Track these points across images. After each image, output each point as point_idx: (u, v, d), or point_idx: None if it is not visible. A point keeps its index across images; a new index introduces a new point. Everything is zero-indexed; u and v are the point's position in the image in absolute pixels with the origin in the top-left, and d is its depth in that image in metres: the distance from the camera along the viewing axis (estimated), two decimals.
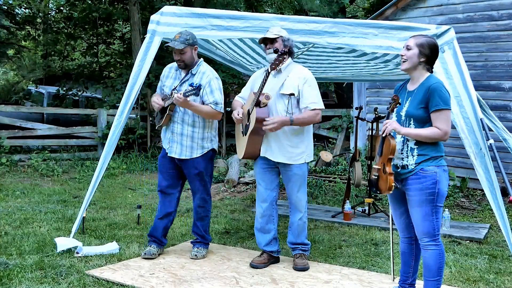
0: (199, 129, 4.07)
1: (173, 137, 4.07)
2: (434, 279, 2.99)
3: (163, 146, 4.21)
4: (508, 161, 6.58)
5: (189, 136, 4.05)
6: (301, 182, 3.93)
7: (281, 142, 3.85)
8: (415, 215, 2.99)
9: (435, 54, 3.02)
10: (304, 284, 3.56)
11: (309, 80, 3.85)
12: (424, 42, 2.98)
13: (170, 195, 4.23)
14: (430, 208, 2.94)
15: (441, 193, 2.95)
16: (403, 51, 3.04)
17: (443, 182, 2.95)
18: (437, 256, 2.97)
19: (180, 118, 4.05)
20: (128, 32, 14.40)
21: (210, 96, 4.00)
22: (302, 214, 3.97)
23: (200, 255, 4.12)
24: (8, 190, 6.74)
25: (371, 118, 6.13)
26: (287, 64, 3.91)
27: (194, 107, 3.92)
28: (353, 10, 18.60)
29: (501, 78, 7.09)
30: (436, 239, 2.98)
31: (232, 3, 11.55)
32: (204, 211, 4.19)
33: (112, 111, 10.06)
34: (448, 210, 5.27)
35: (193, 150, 4.06)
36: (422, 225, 2.97)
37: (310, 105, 3.80)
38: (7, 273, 3.54)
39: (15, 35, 15.76)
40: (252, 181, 7.71)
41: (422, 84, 2.98)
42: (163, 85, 4.20)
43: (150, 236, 4.22)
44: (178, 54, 3.98)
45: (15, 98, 13.97)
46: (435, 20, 7.47)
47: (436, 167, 2.94)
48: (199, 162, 4.08)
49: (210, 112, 4.00)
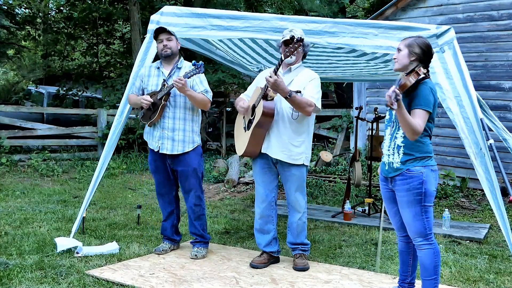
0: (189, 122, 4.09)
1: (163, 134, 4.05)
2: (431, 278, 3.01)
3: (150, 146, 4.16)
4: (508, 161, 6.58)
5: (181, 130, 4.05)
6: (299, 183, 3.92)
7: (282, 139, 3.84)
8: (406, 216, 3.03)
9: (427, 52, 3.00)
10: (304, 284, 3.56)
11: (314, 80, 3.88)
12: (412, 41, 3.00)
13: (167, 195, 4.26)
14: (419, 208, 2.96)
15: (429, 193, 2.96)
16: (395, 54, 3.08)
17: (431, 182, 2.97)
18: (431, 255, 2.99)
19: (171, 113, 4.04)
20: (128, 32, 14.41)
21: (201, 85, 4.07)
22: (300, 214, 3.96)
23: (200, 255, 4.12)
24: (8, 190, 6.75)
25: (371, 118, 6.14)
26: (297, 66, 3.93)
27: (190, 92, 3.93)
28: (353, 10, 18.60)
29: (501, 78, 7.09)
30: (429, 238, 2.99)
31: (232, 3, 11.56)
32: (200, 210, 4.18)
33: (112, 111, 10.06)
34: (448, 210, 5.27)
35: (185, 144, 4.06)
36: (413, 225, 3.00)
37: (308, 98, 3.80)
38: (7, 273, 3.54)
39: (15, 35, 15.76)
40: (252, 181, 7.71)
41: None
42: (146, 85, 4.16)
43: (162, 234, 4.37)
44: (165, 40, 4.02)
45: (15, 98, 13.97)
46: (435, 20, 7.47)
47: (422, 167, 2.96)
48: (192, 158, 4.08)
49: (203, 99, 4.03)
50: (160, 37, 4.03)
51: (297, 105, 3.73)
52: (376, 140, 5.84)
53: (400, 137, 3.02)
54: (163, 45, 4.03)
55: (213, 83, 10.16)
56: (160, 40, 4.03)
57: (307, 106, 3.74)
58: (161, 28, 4.03)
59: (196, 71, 3.86)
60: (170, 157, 4.08)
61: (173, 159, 4.09)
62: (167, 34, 4.03)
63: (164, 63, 4.15)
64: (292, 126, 3.84)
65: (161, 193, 4.28)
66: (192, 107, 4.09)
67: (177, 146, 4.05)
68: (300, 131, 3.88)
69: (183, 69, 4.08)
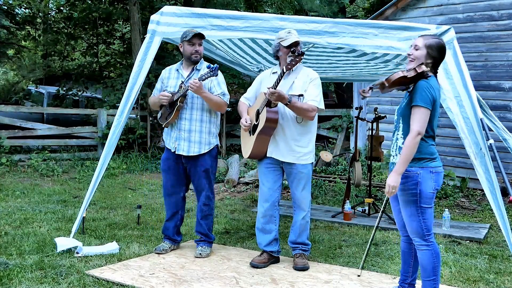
0: (206, 124, 4.13)
1: (180, 135, 4.10)
2: (430, 279, 3.00)
3: (167, 146, 4.22)
4: (508, 161, 6.58)
5: (197, 132, 4.09)
6: (306, 180, 3.95)
7: (289, 143, 3.88)
8: (404, 215, 3.04)
9: (443, 56, 2.97)
10: (304, 284, 3.56)
11: (315, 80, 3.90)
12: (434, 43, 2.91)
13: (175, 195, 4.27)
14: (415, 208, 2.95)
15: (424, 195, 2.93)
16: (410, 50, 2.98)
17: (427, 183, 2.93)
18: (429, 256, 2.98)
19: (188, 114, 4.09)
20: (128, 32, 14.40)
21: (218, 88, 4.10)
22: (305, 213, 3.98)
23: (205, 254, 4.15)
24: (8, 190, 6.74)
25: (371, 118, 6.13)
26: (296, 66, 3.93)
27: (206, 94, 3.97)
28: (353, 10, 18.60)
29: (501, 78, 7.09)
30: (427, 239, 2.98)
31: (232, 3, 11.56)
32: (208, 209, 4.22)
33: (112, 111, 10.06)
34: (448, 210, 5.27)
35: (201, 146, 4.10)
36: (410, 225, 3.00)
37: (310, 102, 3.83)
38: (7, 273, 3.54)
39: (15, 35, 15.74)
40: (252, 181, 7.71)
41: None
42: (166, 86, 4.22)
43: (163, 233, 4.38)
44: (198, 45, 4.07)
45: (15, 98, 13.96)
46: (435, 20, 7.47)
47: (420, 168, 2.92)
48: (206, 159, 4.14)
49: (219, 101, 4.06)
50: (194, 41, 4.05)
51: (298, 111, 3.79)
52: (376, 140, 5.84)
53: (401, 138, 3.01)
54: (195, 50, 4.07)
55: None
56: (193, 44, 4.05)
57: (308, 111, 3.79)
58: (201, 34, 4.05)
59: (210, 74, 3.90)
60: (185, 157, 4.14)
61: (188, 159, 4.14)
62: (201, 39, 4.08)
63: (185, 65, 4.20)
64: (297, 128, 3.88)
65: (168, 193, 4.29)
66: (209, 109, 4.12)
67: (193, 147, 4.10)
68: (305, 132, 3.92)
69: (201, 71, 4.10)
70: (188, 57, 4.12)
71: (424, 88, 2.84)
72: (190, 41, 4.05)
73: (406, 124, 2.96)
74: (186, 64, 4.19)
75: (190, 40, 4.04)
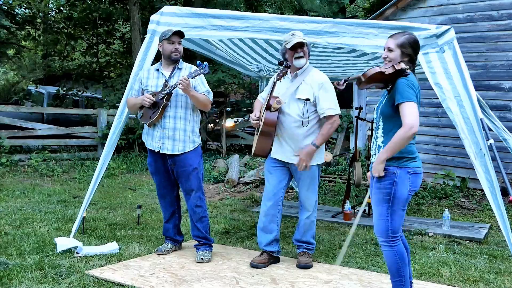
0: (190, 122, 4.09)
1: (164, 133, 4.03)
2: (396, 279, 2.97)
3: (149, 147, 4.13)
4: (508, 161, 6.57)
5: (182, 130, 4.04)
6: (311, 181, 3.96)
7: (295, 145, 3.90)
8: (373, 213, 2.99)
9: (417, 50, 2.95)
10: (304, 284, 3.56)
11: (324, 85, 3.87)
12: (405, 41, 2.90)
13: (169, 195, 4.26)
14: (386, 208, 2.88)
15: (398, 196, 2.85)
16: (384, 53, 2.96)
17: (403, 184, 2.85)
18: (392, 257, 2.94)
19: (172, 112, 4.03)
20: (128, 32, 14.40)
21: (203, 86, 4.08)
22: (310, 213, 3.99)
23: (207, 259, 4.05)
24: (8, 190, 6.74)
25: (371, 118, 6.12)
26: (304, 69, 3.92)
27: (193, 93, 3.94)
28: (353, 10, 18.61)
29: (501, 78, 7.09)
30: (390, 241, 2.92)
31: (232, 3, 11.55)
32: (202, 211, 4.13)
33: (112, 111, 10.06)
34: (448, 210, 5.27)
35: (185, 144, 4.04)
36: (377, 224, 2.95)
37: (327, 111, 3.83)
38: (7, 273, 3.54)
39: (15, 35, 15.74)
40: (252, 181, 7.71)
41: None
42: (146, 86, 4.13)
43: (164, 235, 4.38)
44: (177, 43, 4.03)
45: (15, 98, 13.95)
46: (435, 20, 7.47)
47: (397, 168, 2.85)
48: (193, 157, 4.07)
49: (205, 100, 4.04)
50: (173, 39, 4.01)
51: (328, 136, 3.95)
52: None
53: (380, 137, 2.95)
54: (174, 48, 4.02)
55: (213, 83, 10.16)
56: (172, 42, 4.01)
57: (332, 129, 3.87)
58: (181, 32, 4.02)
59: (200, 71, 3.87)
60: (170, 157, 4.06)
61: (174, 159, 4.07)
62: (180, 38, 4.05)
63: (165, 64, 4.14)
64: (303, 131, 3.89)
65: (162, 195, 4.27)
66: (193, 107, 4.09)
67: (178, 145, 4.03)
68: (311, 132, 3.92)
69: (183, 70, 4.08)
70: (168, 56, 4.06)
71: (406, 86, 2.80)
72: (170, 40, 4.00)
73: (386, 122, 2.91)
74: (166, 64, 4.12)
75: (169, 38, 4.00)
